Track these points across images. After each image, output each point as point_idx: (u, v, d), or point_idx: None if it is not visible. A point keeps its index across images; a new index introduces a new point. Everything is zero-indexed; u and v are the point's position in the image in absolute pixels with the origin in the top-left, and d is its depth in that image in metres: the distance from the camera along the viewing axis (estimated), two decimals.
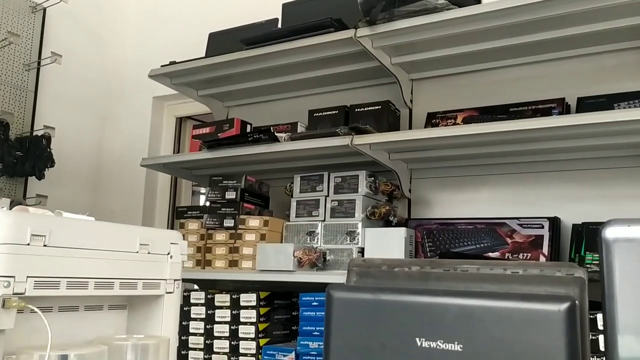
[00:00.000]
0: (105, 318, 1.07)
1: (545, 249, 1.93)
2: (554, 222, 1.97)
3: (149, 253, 1.05)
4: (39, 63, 2.96)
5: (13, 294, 0.84)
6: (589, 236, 1.89)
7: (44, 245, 0.88)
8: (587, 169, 2.03)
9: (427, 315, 0.62)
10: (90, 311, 1.04)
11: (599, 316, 1.49)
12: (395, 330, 0.63)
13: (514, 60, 2.18)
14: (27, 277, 0.86)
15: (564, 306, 0.56)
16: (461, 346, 0.60)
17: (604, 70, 2.05)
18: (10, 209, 2.57)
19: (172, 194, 3.42)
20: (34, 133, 2.83)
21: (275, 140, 2.17)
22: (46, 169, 2.75)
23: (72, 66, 3.13)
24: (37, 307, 0.91)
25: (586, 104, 1.94)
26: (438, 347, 0.60)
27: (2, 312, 0.82)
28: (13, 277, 0.84)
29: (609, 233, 0.52)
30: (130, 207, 3.31)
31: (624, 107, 1.83)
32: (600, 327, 1.46)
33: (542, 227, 1.96)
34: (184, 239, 2.34)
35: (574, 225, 1.98)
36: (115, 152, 3.39)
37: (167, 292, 1.09)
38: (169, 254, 1.10)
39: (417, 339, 0.62)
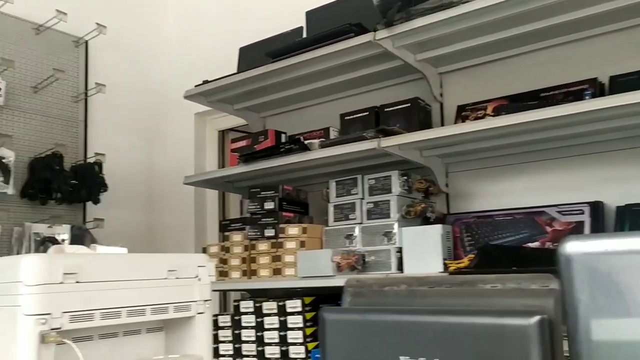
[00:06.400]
0: (143, 341, 1.15)
1: None
2: (596, 207, 1.91)
3: (177, 278, 1.13)
4: (86, 94, 3.13)
5: (51, 329, 0.93)
6: (633, 218, 1.82)
7: (77, 282, 0.96)
8: (625, 149, 1.96)
9: (409, 333, 0.65)
10: (129, 336, 1.12)
11: None
12: (382, 349, 0.66)
13: (540, 44, 2.13)
14: (63, 312, 0.95)
15: (533, 320, 0.57)
16: None
17: (636, 45, 1.97)
18: (71, 234, 2.74)
19: (221, 207, 3.53)
20: (87, 161, 3.00)
21: (306, 149, 2.22)
22: (100, 194, 2.92)
23: (117, 93, 3.29)
24: (78, 338, 1.00)
25: (619, 83, 1.87)
26: None
27: (42, 348, 0.91)
28: (49, 314, 0.94)
29: (568, 248, 0.54)
30: (183, 222, 3.46)
31: None
32: None
33: (583, 212, 1.91)
34: (229, 251, 2.45)
35: (617, 207, 1.92)
36: (164, 171, 3.54)
37: (198, 313, 1.16)
38: (197, 276, 1.17)
39: (402, 357, 0.65)
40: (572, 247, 0.52)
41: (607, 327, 0.51)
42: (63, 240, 2.69)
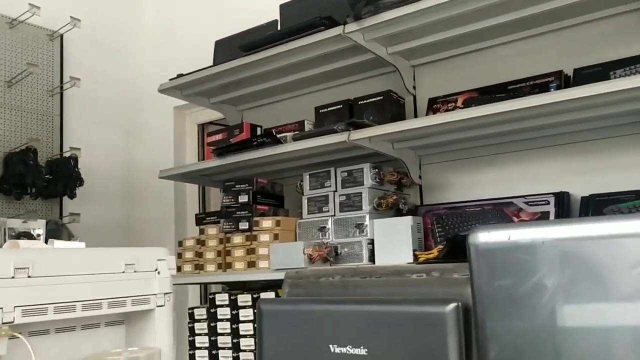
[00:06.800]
0: (103, 334, 1.16)
1: None
2: (561, 197, 1.94)
3: (135, 272, 1.14)
4: (61, 88, 3.12)
5: (2, 323, 0.94)
6: (596, 207, 1.86)
7: (28, 277, 0.97)
8: (590, 140, 1.99)
9: (338, 323, 0.67)
10: (87, 330, 1.13)
11: None
12: (314, 339, 0.68)
13: (509, 37, 2.15)
14: (15, 307, 0.96)
15: (449, 307, 0.59)
16: (366, 350, 0.64)
17: (601, 37, 2.00)
18: (47, 228, 2.74)
19: (202, 200, 3.54)
20: (63, 155, 2.99)
21: (279, 142, 2.23)
22: (76, 188, 2.91)
23: (93, 87, 3.28)
24: (33, 332, 1.01)
25: (582, 75, 1.90)
26: (347, 352, 0.65)
27: None
28: (1, 308, 0.94)
29: (476, 239, 0.55)
30: (163, 216, 3.46)
31: (620, 75, 1.78)
32: None
33: (548, 203, 1.94)
34: (204, 244, 2.46)
35: (582, 197, 1.95)
36: (143, 165, 3.54)
37: (158, 306, 1.18)
38: (156, 270, 1.18)
39: (331, 346, 0.66)
40: (478, 237, 0.54)
41: (509, 311, 0.53)
42: (38, 235, 2.69)
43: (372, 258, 2.11)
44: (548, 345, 0.52)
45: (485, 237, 0.54)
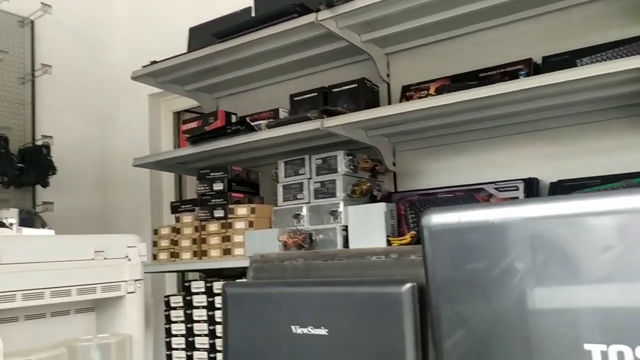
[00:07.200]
0: (73, 321, 1.16)
1: None
2: (530, 183, 1.98)
3: (105, 259, 1.14)
4: (33, 75, 3.07)
5: None
6: (563, 193, 1.90)
7: None
8: (559, 127, 2.03)
9: (299, 305, 0.68)
10: (57, 317, 1.13)
11: None
12: (276, 320, 0.70)
13: (481, 24, 2.18)
14: None
15: (404, 288, 0.61)
16: (327, 330, 0.66)
17: (569, 26, 2.03)
18: (20, 217, 2.71)
19: (178, 189, 3.52)
20: (35, 143, 2.95)
21: (253, 129, 2.23)
22: (49, 177, 2.88)
23: (66, 74, 3.24)
24: (2, 319, 1.00)
25: (550, 63, 1.93)
26: (309, 332, 0.67)
27: None
28: None
29: (428, 221, 0.57)
30: (139, 205, 3.44)
31: (587, 63, 1.81)
32: None
33: (518, 189, 1.98)
34: (180, 232, 2.46)
35: (551, 183, 2.00)
36: (118, 153, 3.51)
37: (128, 292, 1.18)
38: (126, 257, 1.18)
39: (292, 327, 0.68)
40: (430, 219, 0.56)
41: (460, 292, 0.55)
42: (11, 225, 2.65)
43: (346, 244, 2.13)
44: (500, 324, 0.54)
45: (437, 219, 0.56)
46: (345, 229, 2.14)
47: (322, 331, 0.66)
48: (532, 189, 1.98)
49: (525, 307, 0.52)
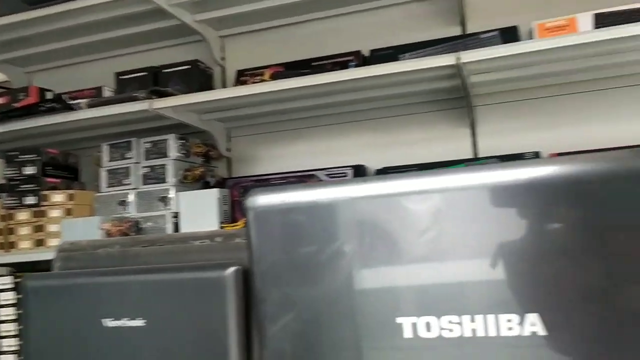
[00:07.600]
0: None
1: None
2: (358, 170, 2.08)
3: None
4: None
5: None
6: None
7: None
8: (383, 117, 2.16)
9: (112, 295, 0.62)
10: None
11: None
12: (84, 314, 0.63)
13: (315, 14, 2.23)
14: None
15: (228, 272, 0.59)
16: (145, 321, 0.60)
17: (392, 23, 2.17)
18: None
19: None
20: None
21: (70, 108, 2.03)
22: None
23: None
24: None
25: (376, 56, 2.04)
26: (124, 325, 0.61)
27: None
28: None
29: (252, 202, 0.55)
30: None
31: (408, 58, 1.94)
32: None
33: (346, 175, 2.07)
34: None
35: (377, 170, 2.12)
36: None
37: None
38: None
39: (103, 320, 0.62)
40: (253, 200, 0.54)
41: (284, 274, 0.54)
42: None
43: (176, 231, 2.05)
44: (328, 305, 0.53)
45: (262, 200, 0.54)
46: (176, 215, 2.05)
47: (139, 322, 0.60)
48: (360, 176, 2.08)
49: (351, 288, 0.53)
